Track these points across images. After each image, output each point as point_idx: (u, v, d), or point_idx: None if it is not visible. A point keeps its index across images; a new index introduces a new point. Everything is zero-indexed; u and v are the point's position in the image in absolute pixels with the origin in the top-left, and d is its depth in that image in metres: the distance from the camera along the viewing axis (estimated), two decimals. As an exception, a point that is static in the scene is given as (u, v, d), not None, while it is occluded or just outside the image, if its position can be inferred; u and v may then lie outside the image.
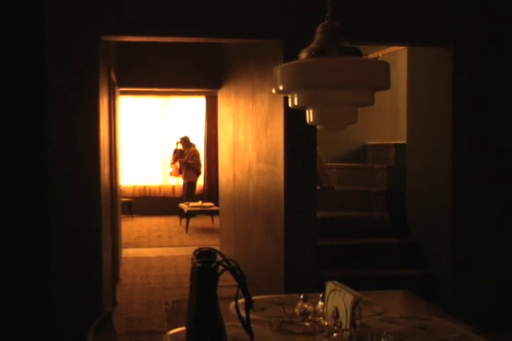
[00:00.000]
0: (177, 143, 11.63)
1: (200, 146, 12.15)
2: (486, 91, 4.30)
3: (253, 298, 1.58)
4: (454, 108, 4.25)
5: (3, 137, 3.67)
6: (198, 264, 1.47)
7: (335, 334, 1.80)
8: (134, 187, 12.06)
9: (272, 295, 2.45)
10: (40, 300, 3.73)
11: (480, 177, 4.30)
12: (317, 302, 2.07)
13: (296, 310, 2.05)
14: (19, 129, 3.69)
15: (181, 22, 3.89)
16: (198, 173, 11.62)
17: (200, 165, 11.60)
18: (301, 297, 2.06)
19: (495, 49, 4.30)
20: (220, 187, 7.91)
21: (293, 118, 3.99)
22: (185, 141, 11.51)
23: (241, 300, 1.55)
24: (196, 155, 11.47)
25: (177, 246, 8.45)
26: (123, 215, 9.06)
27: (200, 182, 12.27)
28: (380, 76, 1.71)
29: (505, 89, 4.33)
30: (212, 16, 3.92)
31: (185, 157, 11.41)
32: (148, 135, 12.05)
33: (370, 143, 6.37)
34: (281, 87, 1.77)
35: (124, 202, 9.73)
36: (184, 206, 9.99)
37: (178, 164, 11.50)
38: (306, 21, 2.92)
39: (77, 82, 3.76)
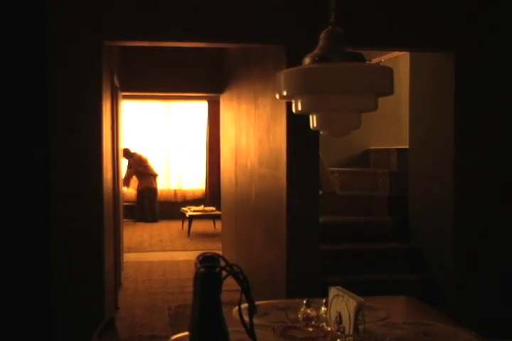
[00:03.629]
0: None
1: (202, 150, 12.13)
2: (488, 96, 4.30)
3: (256, 302, 1.58)
4: (456, 112, 4.26)
5: (6, 141, 3.68)
6: (201, 269, 1.48)
7: (338, 340, 1.80)
8: (135, 191, 12.03)
9: (275, 300, 2.45)
10: (41, 304, 3.73)
11: (482, 182, 4.30)
12: (320, 308, 2.07)
13: (299, 316, 2.04)
14: (22, 133, 3.70)
15: (183, 27, 3.91)
16: (155, 176, 11.60)
17: (151, 169, 11.54)
18: (304, 302, 2.05)
19: (496, 53, 4.30)
20: (222, 192, 7.91)
21: (295, 123, 4.00)
22: (125, 152, 11.23)
23: (244, 305, 1.55)
24: (142, 161, 11.43)
25: (179, 250, 8.45)
26: (125, 219, 9.06)
27: (202, 186, 12.26)
28: (384, 82, 1.71)
29: (508, 93, 4.33)
30: (214, 21, 3.94)
31: (132, 167, 11.41)
32: (149, 139, 12.05)
33: (373, 147, 6.38)
34: (284, 93, 1.77)
35: (125, 206, 9.72)
36: (186, 210, 10.00)
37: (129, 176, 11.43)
38: (308, 26, 2.93)
39: (80, 86, 3.78)
